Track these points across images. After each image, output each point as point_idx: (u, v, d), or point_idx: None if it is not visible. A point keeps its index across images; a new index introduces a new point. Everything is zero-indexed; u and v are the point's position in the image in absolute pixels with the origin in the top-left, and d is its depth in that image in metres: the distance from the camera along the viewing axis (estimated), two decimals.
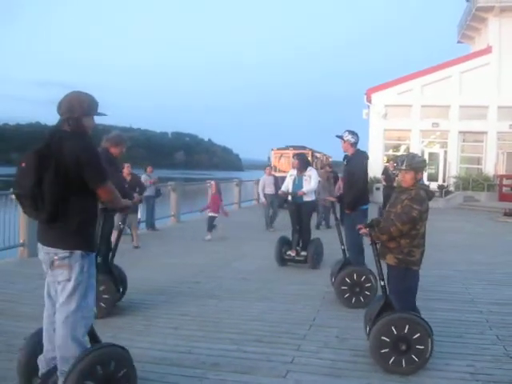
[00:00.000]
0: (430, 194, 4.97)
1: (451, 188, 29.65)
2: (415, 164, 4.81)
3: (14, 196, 3.62)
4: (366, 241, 5.40)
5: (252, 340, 5.39)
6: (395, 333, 4.53)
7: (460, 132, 31.14)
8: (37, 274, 8.23)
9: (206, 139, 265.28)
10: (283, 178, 10.16)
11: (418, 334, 4.52)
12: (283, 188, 9.68)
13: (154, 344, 5.20)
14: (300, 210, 9.36)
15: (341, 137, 7.58)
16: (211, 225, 12.88)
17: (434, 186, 27.64)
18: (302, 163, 9.54)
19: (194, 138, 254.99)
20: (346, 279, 6.72)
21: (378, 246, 4.96)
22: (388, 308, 4.82)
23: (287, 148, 24.13)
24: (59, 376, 3.56)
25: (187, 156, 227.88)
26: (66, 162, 3.44)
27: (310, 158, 22.05)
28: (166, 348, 5.11)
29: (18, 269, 8.78)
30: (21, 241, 9.78)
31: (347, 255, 7.25)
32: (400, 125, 31.66)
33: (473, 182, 29.00)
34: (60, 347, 3.58)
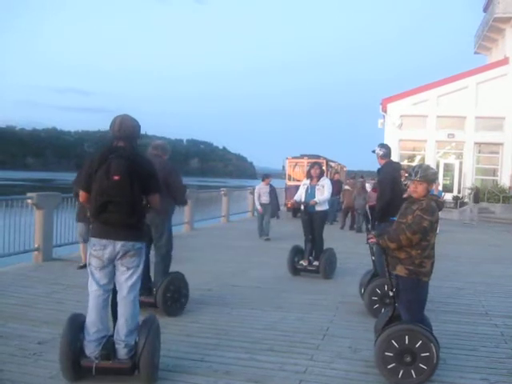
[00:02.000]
0: (440, 205, 4.95)
1: (466, 199, 29.46)
2: (429, 176, 4.77)
3: (100, 202, 4.26)
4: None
5: (265, 349, 5.38)
6: (397, 346, 4.51)
7: (476, 143, 31.01)
8: (51, 278, 8.31)
9: (221, 147, 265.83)
10: (297, 187, 10.13)
11: (420, 342, 4.48)
12: (296, 197, 9.67)
13: (167, 351, 5.17)
14: (312, 220, 9.35)
15: (373, 151, 7.58)
16: None
17: (448, 197, 27.49)
18: (321, 172, 9.56)
19: (209, 146, 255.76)
20: (377, 290, 6.63)
21: (387, 257, 4.94)
22: (396, 319, 4.80)
23: (302, 157, 24.11)
24: (123, 347, 4.33)
25: (202, 163, 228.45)
26: (141, 175, 4.38)
27: (324, 167, 22.09)
28: (178, 355, 5.11)
29: (32, 273, 8.82)
30: (36, 245, 9.84)
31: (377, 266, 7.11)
32: (415, 135, 31.56)
33: (488, 194, 28.79)
34: (128, 322, 4.38)
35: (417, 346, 4.47)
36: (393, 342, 4.51)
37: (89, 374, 4.33)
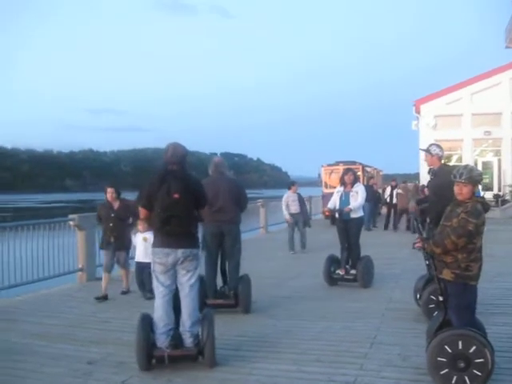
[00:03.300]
0: (486, 207, 4.80)
1: (507, 197, 28.81)
2: (474, 177, 4.62)
3: (164, 216, 5.09)
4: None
5: (312, 360, 5.32)
6: (450, 351, 4.39)
7: None
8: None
9: (255, 158, 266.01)
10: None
11: (474, 347, 4.35)
12: (330, 205, 9.55)
13: (215, 365, 5.20)
14: (348, 227, 9.23)
15: (428, 151, 7.25)
16: None
17: (489, 195, 26.96)
18: (355, 178, 9.43)
19: (243, 158, 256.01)
20: (432, 297, 6.34)
21: (435, 261, 4.84)
22: (447, 324, 4.70)
23: (337, 164, 23.96)
24: (189, 336, 5.14)
25: (237, 176, 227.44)
26: (193, 192, 5.28)
27: (360, 173, 21.90)
28: (226, 369, 5.11)
29: (77, 294, 8.96)
30: (79, 266, 10.00)
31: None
32: (451, 135, 30.98)
33: None
34: (192, 315, 5.19)
35: (471, 351, 4.35)
36: (446, 347, 4.40)
37: (161, 363, 5.06)
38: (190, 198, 5.20)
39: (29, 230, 9.60)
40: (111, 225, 8.60)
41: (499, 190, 30.11)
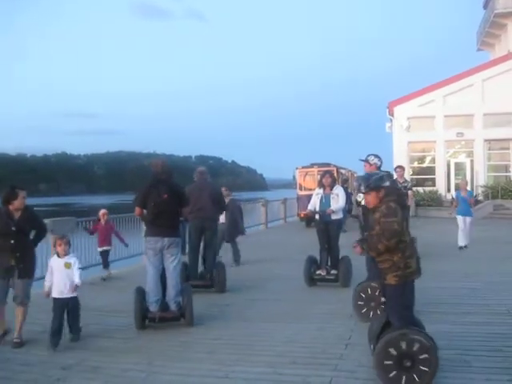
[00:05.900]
0: (402, 202, 5.00)
1: (480, 197, 29.18)
2: (371, 184, 4.85)
3: (156, 212, 6.83)
4: None
5: (287, 362, 5.35)
6: (395, 353, 4.46)
7: (485, 140, 30.69)
8: None
9: (230, 161, 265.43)
10: (309, 197, 10.07)
11: (418, 345, 4.43)
12: (310, 207, 9.60)
13: (190, 370, 5.20)
14: (329, 229, 9.33)
15: (366, 160, 7.53)
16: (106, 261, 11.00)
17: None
18: (333, 181, 9.51)
19: (218, 161, 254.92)
20: (361, 294, 6.83)
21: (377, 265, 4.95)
22: (388, 326, 4.80)
23: (312, 166, 24.01)
24: (173, 303, 6.78)
25: (212, 179, 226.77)
26: (177, 194, 7.08)
27: (335, 175, 21.98)
28: (202, 373, 5.11)
29: (49, 300, 8.82)
30: None
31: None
32: (424, 136, 31.33)
33: (502, 191, 28.54)
34: (175, 288, 6.83)
35: (414, 349, 4.43)
36: (390, 349, 4.47)
37: (152, 323, 6.68)
38: (175, 198, 6.97)
39: None
40: (12, 242, 6.35)
41: (472, 190, 30.45)
